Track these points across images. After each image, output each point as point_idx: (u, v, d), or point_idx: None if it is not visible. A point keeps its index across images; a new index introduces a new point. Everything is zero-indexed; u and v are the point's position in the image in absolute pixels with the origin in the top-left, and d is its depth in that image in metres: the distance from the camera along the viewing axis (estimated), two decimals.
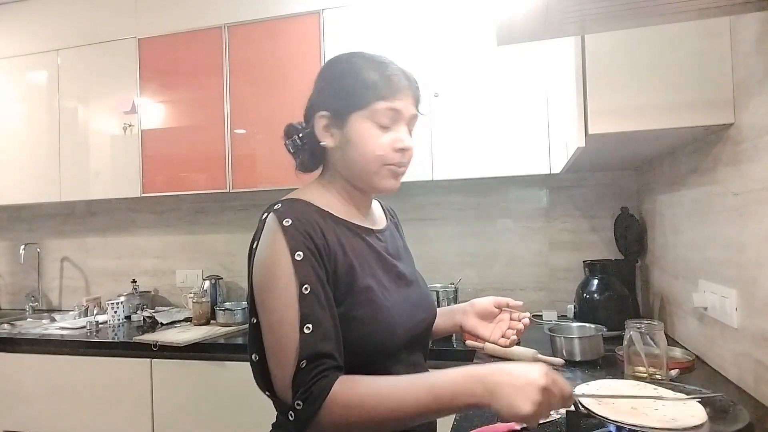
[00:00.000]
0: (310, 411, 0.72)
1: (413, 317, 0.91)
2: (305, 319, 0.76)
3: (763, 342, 1.04)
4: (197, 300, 2.25)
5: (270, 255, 0.80)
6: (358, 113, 0.86)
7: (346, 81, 0.88)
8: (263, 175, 2.22)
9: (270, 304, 0.79)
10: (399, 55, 2.02)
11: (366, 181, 0.89)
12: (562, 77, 1.53)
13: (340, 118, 0.87)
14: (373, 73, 0.86)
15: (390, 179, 0.88)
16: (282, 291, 0.77)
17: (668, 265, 1.67)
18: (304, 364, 0.74)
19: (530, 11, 0.89)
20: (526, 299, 2.22)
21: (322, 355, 0.75)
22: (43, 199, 2.55)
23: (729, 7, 0.89)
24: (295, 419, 0.74)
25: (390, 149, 0.86)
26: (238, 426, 1.88)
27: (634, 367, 1.18)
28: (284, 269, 0.77)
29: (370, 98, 0.85)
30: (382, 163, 0.86)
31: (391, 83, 0.86)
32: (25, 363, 2.12)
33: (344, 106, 0.86)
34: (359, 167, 0.88)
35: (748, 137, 1.09)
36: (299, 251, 0.78)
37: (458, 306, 1.07)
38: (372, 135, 0.85)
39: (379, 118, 0.85)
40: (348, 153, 0.87)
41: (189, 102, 2.32)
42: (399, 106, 0.86)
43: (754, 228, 1.06)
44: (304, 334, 0.75)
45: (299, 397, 0.73)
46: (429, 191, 2.35)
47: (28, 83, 2.56)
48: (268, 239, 0.81)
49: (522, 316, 1.02)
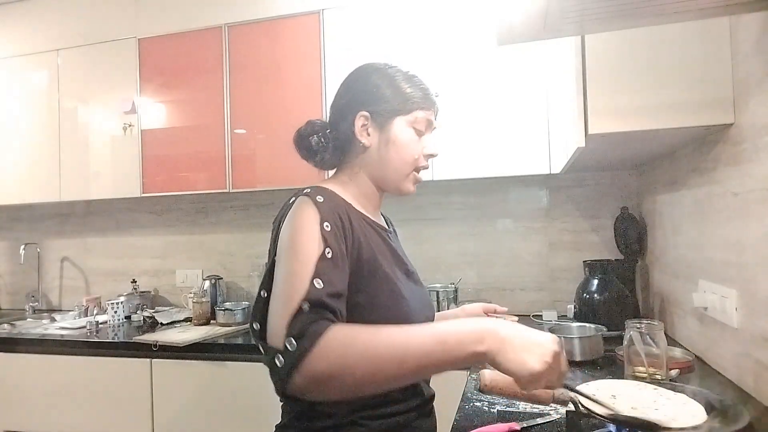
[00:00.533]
0: (302, 349, 0.67)
1: (423, 312, 0.95)
2: (318, 275, 0.75)
3: (763, 342, 1.04)
4: (197, 300, 2.25)
5: (299, 223, 0.80)
6: (401, 118, 0.93)
7: (389, 88, 0.94)
8: (263, 175, 2.22)
9: (289, 260, 0.78)
10: (399, 55, 2.05)
11: (393, 182, 0.96)
12: (562, 77, 1.53)
13: (382, 120, 0.93)
14: (412, 85, 0.95)
15: (412, 183, 0.98)
16: (304, 248, 0.77)
17: (668, 265, 1.67)
18: (307, 307, 0.71)
19: (530, 11, 0.89)
20: (526, 299, 2.24)
21: (327, 306, 0.73)
22: (43, 199, 2.54)
23: (729, 7, 0.89)
24: (284, 361, 0.68)
25: (422, 154, 0.96)
26: (238, 426, 1.88)
27: (634, 367, 1.18)
28: (311, 235, 0.79)
29: (413, 106, 0.93)
30: (413, 167, 0.96)
31: (428, 97, 0.96)
32: (25, 363, 2.12)
33: (388, 110, 0.93)
34: (393, 167, 0.95)
35: (748, 137, 1.09)
36: (328, 222, 0.80)
37: (449, 311, 1.15)
38: (413, 140, 0.94)
39: (418, 125, 0.94)
40: (387, 153, 0.94)
41: (189, 102, 2.32)
42: (431, 117, 0.97)
43: (754, 228, 1.06)
44: (314, 286, 0.73)
45: (292, 334, 0.69)
46: (429, 191, 2.35)
47: (28, 83, 2.56)
48: (300, 210, 0.82)
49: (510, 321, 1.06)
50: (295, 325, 0.69)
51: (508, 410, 1.11)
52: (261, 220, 2.57)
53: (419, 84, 0.95)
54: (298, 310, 0.71)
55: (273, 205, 2.54)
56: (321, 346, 0.67)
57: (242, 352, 1.89)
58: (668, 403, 0.87)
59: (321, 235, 0.78)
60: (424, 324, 0.74)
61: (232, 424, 1.89)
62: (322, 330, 0.69)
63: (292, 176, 2.12)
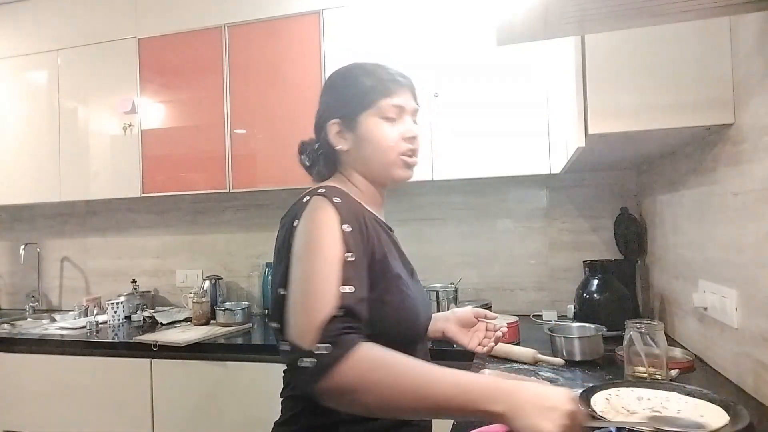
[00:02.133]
0: (335, 356, 0.69)
1: (426, 311, 0.98)
2: (347, 281, 0.76)
3: (763, 342, 1.04)
4: (197, 300, 2.25)
5: (319, 222, 0.82)
6: (366, 113, 0.94)
7: (349, 88, 0.96)
8: (263, 175, 2.22)
9: (310, 260, 0.78)
10: (399, 55, 2.05)
11: (383, 173, 0.96)
12: (562, 77, 1.53)
13: (351, 121, 0.95)
14: (372, 76, 0.95)
15: (404, 168, 0.96)
16: (326, 251, 0.78)
17: (668, 265, 1.67)
18: (341, 313, 0.72)
19: (530, 11, 0.89)
20: (526, 299, 2.24)
21: (357, 315, 0.75)
22: (43, 199, 2.54)
23: (729, 7, 0.89)
24: (316, 365, 0.69)
25: (400, 139, 0.94)
26: (238, 426, 1.88)
27: (634, 367, 1.18)
28: (332, 235, 0.79)
29: (375, 97, 0.93)
30: (396, 153, 0.94)
31: (390, 82, 0.95)
32: (25, 363, 2.12)
33: (352, 110, 0.94)
34: (376, 160, 0.95)
35: (748, 137, 1.09)
36: (348, 224, 0.82)
37: (441, 314, 1.16)
38: (383, 129, 0.93)
39: (386, 113, 0.93)
40: (364, 150, 0.95)
41: (189, 102, 2.32)
42: (400, 101, 0.95)
43: (754, 228, 1.06)
44: (345, 291, 0.75)
45: (327, 340, 0.70)
46: (429, 191, 2.35)
47: (28, 83, 2.56)
48: (316, 212, 0.83)
49: (498, 326, 1.10)
50: (329, 332, 0.71)
51: None
52: (261, 220, 2.57)
53: (381, 74, 0.95)
54: (332, 316, 0.72)
55: (273, 205, 2.54)
56: (353, 359, 0.69)
57: (242, 352, 1.89)
58: (673, 404, 0.88)
59: (342, 237, 0.80)
60: (451, 369, 0.73)
61: (232, 424, 1.89)
62: (355, 343, 0.71)
63: (292, 176, 2.12)
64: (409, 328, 0.87)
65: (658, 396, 0.93)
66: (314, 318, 0.72)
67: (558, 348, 1.47)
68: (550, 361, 1.43)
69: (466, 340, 1.10)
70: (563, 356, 1.44)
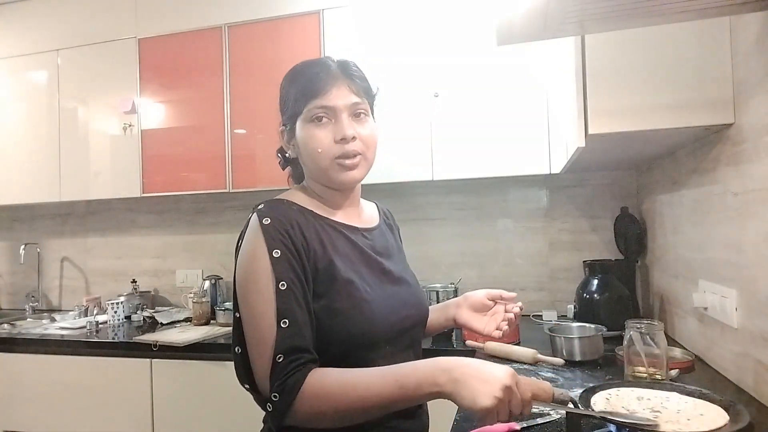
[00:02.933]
0: (285, 402, 0.76)
1: (397, 313, 0.92)
2: (282, 314, 0.79)
3: (763, 342, 1.04)
4: (197, 300, 2.25)
5: (249, 252, 0.84)
6: (299, 120, 0.92)
7: (287, 94, 0.95)
8: (263, 175, 2.22)
9: (250, 299, 0.83)
10: (399, 55, 2.04)
11: (324, 178, 0.93)
12: (562, 77, 1.53)
13: (292, 128, 0.94)
14: (300, 78, 0.93)
15: (342, 172, 0.90)
16: (261, 287, 0.81)
17: (668, 265, 1.67)
18: (281, 358, 0.77)
19: (530, 11, 0.89)
20: (526, 299, 2.23)
21: (298, 349, 0.79)
22: (43, 199, 2.54)
23: (729, 7, 0.89)
24: (273, 410, 0.78)
25: (330, 143, 0.89)
26: (237, 426, 1.88)
27: (634, 367, 1.18)
28: (262, 266, 0.81)
29: (305, 102, 0.90)
30: (329, 158, 0.89)
31: (317, 81, 0.90)
32: (25, 363, 2.12)
33: (289, 117, 0.94)
34: (313, 167, 0.92)
35: (748, 137, 1.09)
36: (276, 249, 0.82)
37: (452, 300, 1.10)
38: (312, 135, 0.90)
39: (316, 116, 0.89)
40: (302, 157, 0.95)
41: (189, 102, 2.32)
42: (330, 101, 0.89)
43: (754, 228, 1.06)
44: (282, 328, 0.79)
45: (276, 389, 0.77)
46: (429, 191, 2.35)
47: (28, 83, 2.56)
48: (249, 238, 0.86)
49: (513, 307, 1.03)
50: (275, 380, 0.77)
51: None
52: None
53: (307, 73, 0.92)
54: (274, 363, 0.78)
55: None
56: (300, 400, 0.76)
57: None
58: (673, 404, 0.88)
59: (271, 267, 0.81)
60: (392, 367, 0.77)
61: (232, 424, 1.89)
62: (299, 383, 0.76)
63: None
64: (365, 333, 0.85)
65: (658, 396, 0.93)
66: (264, 366, 0.79)
67: (558, 348, 1.47)
68: (550, 361, 1.43)
69: (481, 325, 1.02)
70: (563, 356, 1.44)
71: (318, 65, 0.93)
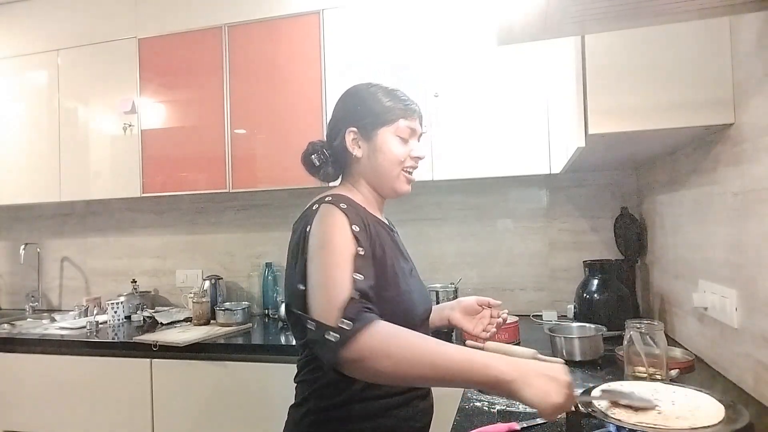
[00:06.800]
0: (357, 327, 0.78)
1: (423, 305, 1.07)
2: (359, 270, 0.87)
3: (763, 342, 1.04)
4: (197, 300, 2.25)
5: (331, 224, 0.92)
6: (385, 128, 1.05)
7: (372, 103, 1.06)
8: (263, 175, 2.21)
9: (326, 255, 0.89)
10: (399, 55, 2.05)
11: (387, 184, 1.07)
12: (562, 77, 1.53)
13: (368, 132, 1.05)
14: (393, 98, 1.07)
15: (405, 183, 1.08)
16: (339, 248, 0.89)
17: (668, 265, 1.67)
18: (357, 295, 0.83)
19: (530, 11, 0.89)
20: (526, 299, 2.24)
21: (369, 298, 0.85)
22: (43, 199, 2.54)
23: (729, 7, 0.89)
24: (339, 337, 0.79)
25: (408, 157, 1.07)
26: (238, 426, 1.88)
27: (634, 367, 1.18)
28: (344, 234, 0.90)
29: (395, 116, 1.05)
30: (401, 167, 1.06)
31: (409, 107, 1.07)
32: (25, 363, 2.12)
33: (372, 123, 1.05)
34: (383, 171, 1.06)
35: (748, 137, 1.09)
36: (356, 225, 0.92)
37: (447, 303, 1.25)
38: (397, 145, 1.06)
39: (401, 133, 1.06)
40: (375, 160, 1.05)
41: (189, 102, 2.32)
42: (414, 125, 1.08)
43: (754, 228, 1.06)
44: (358, 279, 0.85)
45: (348, 317, 0.80)
46: (429, 191, 2.35)
47: (28, 83, 2.56)
48: (327, 217, 0.93)
49: (501, 313, 1.19)
50: (349, 310, 0.81)
51: (508, 410, 1.11)
52: (261, 220, 2.57)
53: (400, 97, 1.07)
54: (350, 298, 0.82)
55: (273, 205, 2.54)
56: (372, 330, 0.79)
57: (242, 352, 1.89)
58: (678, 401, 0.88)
59: (353, 235, 0.90)
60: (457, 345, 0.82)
61: (232, 424, 1.89)
62: (372, 318, 0.81)
63: (292, 176, 2.12)
64: (406, 321, 0.92)
65: (659, 390, 0.93)
66: (335, 300, 0.82)
67: (558, 348, 1.47)
68: (550, 361, 1.42)
69: (470, 326, 1.18)
70: (563, 356, 1.44)
71: (405, 95, 1.09)
